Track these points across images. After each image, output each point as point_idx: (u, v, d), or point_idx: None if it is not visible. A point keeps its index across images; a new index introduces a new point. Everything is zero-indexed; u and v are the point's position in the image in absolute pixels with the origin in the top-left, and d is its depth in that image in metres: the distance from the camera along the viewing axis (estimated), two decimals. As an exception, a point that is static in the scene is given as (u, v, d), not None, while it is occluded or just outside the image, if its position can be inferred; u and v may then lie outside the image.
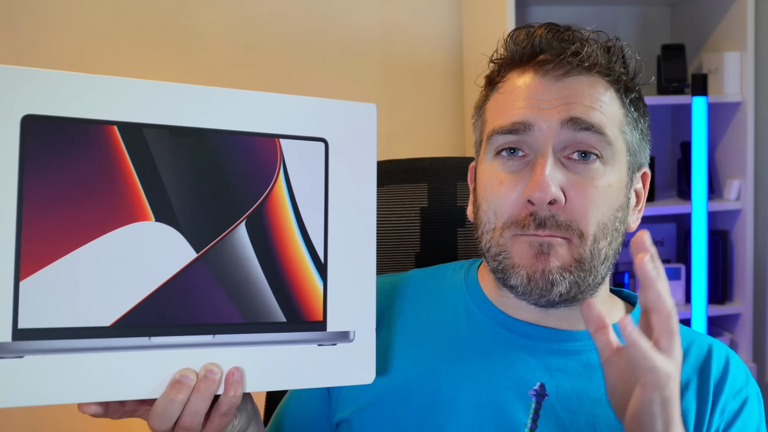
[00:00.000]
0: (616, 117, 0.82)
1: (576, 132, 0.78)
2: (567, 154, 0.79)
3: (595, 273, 0.80)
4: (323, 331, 0.77)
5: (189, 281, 0.71)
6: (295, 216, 0.76)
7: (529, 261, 0.79)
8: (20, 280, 0.66)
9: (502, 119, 0.82)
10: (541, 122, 0.79)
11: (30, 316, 0.66)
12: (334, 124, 0.78)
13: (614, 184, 0.80)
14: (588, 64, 0.80)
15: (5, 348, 0.66)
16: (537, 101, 0.80)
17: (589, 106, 0.79)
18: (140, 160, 0.70)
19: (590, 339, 0.83)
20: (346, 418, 0.85)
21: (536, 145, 0.79)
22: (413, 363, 0.85)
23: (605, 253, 0.80)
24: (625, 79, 0.83)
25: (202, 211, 0.72)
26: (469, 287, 0.89)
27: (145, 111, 0.71)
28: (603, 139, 0.79)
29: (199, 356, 0.72)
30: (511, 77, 0.84)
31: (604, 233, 0.79)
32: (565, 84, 0.80)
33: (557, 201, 0.77)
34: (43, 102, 0.67)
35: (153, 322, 0.70)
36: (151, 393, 0.70)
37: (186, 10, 2.20)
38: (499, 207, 0.80)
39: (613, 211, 0.80)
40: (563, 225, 0.78)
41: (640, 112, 0.85)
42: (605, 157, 0.80)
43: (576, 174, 0.79)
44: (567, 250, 0.78)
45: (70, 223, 0.68)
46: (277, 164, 0.75)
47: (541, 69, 0.81)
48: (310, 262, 0.76)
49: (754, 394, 0.85)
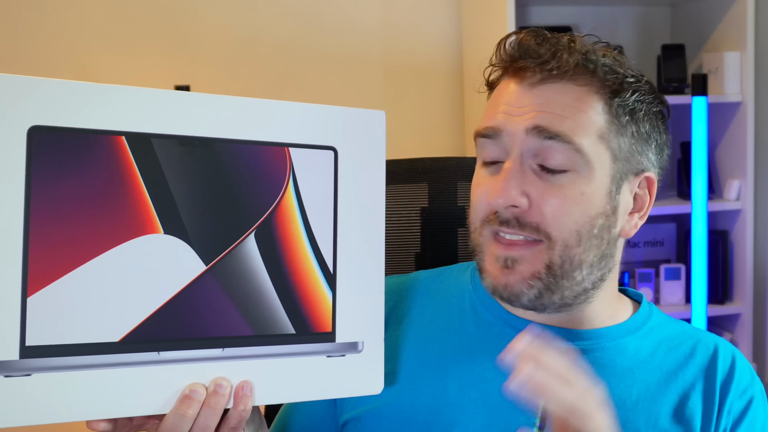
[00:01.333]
0: (594, 124, 0.79)
1: (542, 140, 0.78)
2: (539, 161, 0.79)
3: (572, 279, 0.79)
4: (332, 343, 0.76)
5: (198, 294, 0.70)
6: (304, 226, 0.75)
7: (495, 272, 0.80)
8: (28, 296, 0.65)
9: (482, 122, 0.83)
10: (510, 128, 0.79)
11: (38, 333, 0.65)
12: (343, 131, 0.77)
13: (588, 192, 0.79)
14: (559, 72, 0.79)
15: (12, 366, 0.64)
16: (509, 107, 0.80)
17: (559, 114, 0.78)
18: (149, 171, 0.69)
19: (597, 338, 0.84)
20: (354, 417, 0.85)
21: (507, 150, 0.80)
22: (421, 362, 0.85)
23: (580, 258, 0.79)
24: (612, 85, 0.81)
25: (211, 222, 0.71)
26: (475, 287, 0.89)
27: (153, 120, 0.69)
28: (570, 147, 0.78)
29: (208, 370, 0.71)
30: (501, 83, 0.85)
31: (578, 240, 0.78)
32: (539, 91, 0.80)
33: (518, 206, 0.78)
34: (49, 112, 0.66)
35: (162, 336, 0.69)
36: (161, 408, 0.69)
37: (185, 11, 2.20)
38: (477, 208, 0.82)
39: (589, 219, 0.79)
40: (528, 225, 0.78)
41: (634, 116, 0.82)
42: (576, 165, 0.78)
43: (545, 182, 0.78)
44: (533, 256, 0.79)
45: (78, 236, 0.66)
46: (287, 173, 0.74)
47: (519, 75, 0.81)
48: (319, 272, 0.76)
49: (759, 393, 0.86)
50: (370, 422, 0.84)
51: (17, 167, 0.65)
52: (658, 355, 0.85)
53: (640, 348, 0.85)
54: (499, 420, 0.80)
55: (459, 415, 0.81)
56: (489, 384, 0.82)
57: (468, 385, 0.82)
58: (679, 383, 0.83)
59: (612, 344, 0.84)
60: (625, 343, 0.85)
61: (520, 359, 0.68)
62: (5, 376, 0.64)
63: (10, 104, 0.65)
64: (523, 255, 0.79)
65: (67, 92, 0.66)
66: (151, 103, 0.69)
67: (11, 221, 0.64)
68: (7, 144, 0.64)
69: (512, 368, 0.68)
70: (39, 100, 0.65)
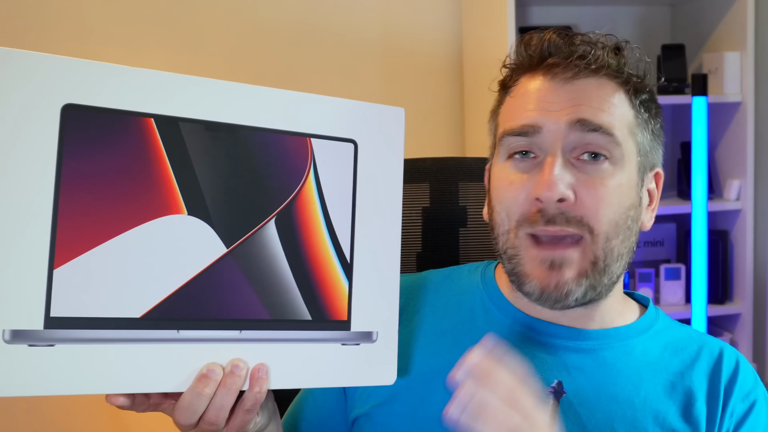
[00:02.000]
0: (626, 118, 0.82)
1: (584, 133, 0.79)
2: (576, 155, 0.80)
3: (610, 272, 0.81)
4: (347, 331, 0.77)
5: (218, 276, 0.72)
6: (324, 215, 0.76)
7: (542, 274, 0.80)
8: (54, 268, 0.66)
9: (513, 122, 0.83)
10: (550, 124, 0.80)
11: (62, 304, 0.66)
12: (363, 126, 0.78)
13: (624, 183, 0.81)
14: (596, 66, 0.81)
15: (37, 336, 0.65)
16: (546, 104, 0.81)
17: (597, 107, 0.80)
18: (175, 153, 0.70)
19: (605, 337, 0.85)
20: (364, 413, 0.86)
21: (545, 147, 0.80)
22: (431, 359, 0.85)
23: (618, 251, 0.81)
24: (635, 81, 0.84)
25: (233, 206, 0.72)
26: (486, 286, 0.90)
27: (182, 105, 0.71)
28: (611, 140, 0.80)
29: (225, 351, 0.72)
30: (523, 81, 0.85)
31: (616, 231, 0.80)
32: (573, 86, 0.81)
33: (566, 199, 0.78)
34: (83, 92, 0.67)
35: (182, 315, 0.70)
36: (178, 386, 0.70)
37: (186, 7, 2.20)
38: (510, 207, 0.81)
39: (625, 210, 0.81)
40: (573, 220, 0.78)
41: (651, 113, 0.86)
42: (614, 157, 0.80)
43: (586, 174, 0.80)
44: (580, 255, 0.79)
45: (105, 213, 0.68)
46: (308, 163, 0.76)
47: (550, 72, 0.82)
48: (337, 261, 0.77)
49: (762, 398, 0.86)
50: (380, 419, 0.85)
51: (50, 143, 0.66)
52: (665, 357, 0.86)
53: (648, 350, 0.86)
54: None
55: None
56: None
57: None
58: (685, 384, 0.84)
59: (620, 345, 0.85)
60: (633, 344, 0.85)
61: (467, 378, 0.68)
62: (29, 345, 0.65)
63: (45, 82, 0.66)
64: (570, 255, 0.79)
65: (100, 73, 0.68)
66: (181, 87, 0.71)
67: (42, 195, 0.66)
68: (41, 120, 0.66)
69: (456, 388, 0.68)
70: (73, 80, 0.67)
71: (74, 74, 0.67)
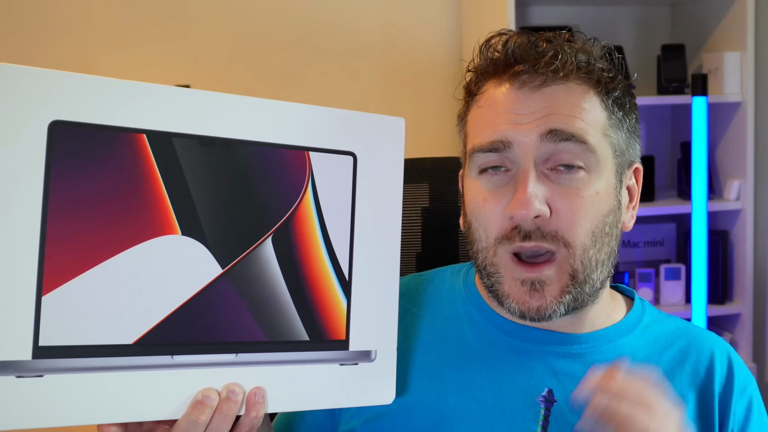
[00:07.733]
0: (599, 122, 0.79)
1: (557, 143, 0.77)
2: (550, 166, 0.77)
3: (591, 282, 0.79)
4: (346, 351, 0.75)
5: (213, 298, 0.69)
6: (322, 231, 0.74)
7: (521, 296, 0.78)
8: (42, 294, 0.63)
9: (482, 137, 0.80)
10: (521, 138, 0.77)
11: (51, 333, 0.63)
12: (363, 137, 0.76)
13: (601, 190, 0.79)
14: (564, 72, 0.78)
15: (25, 367, 0.63)
16: (515, 116, 0.78)
17: (568, 115, 0.77)
18: (169, 170, 0.67)
19: (594, 341, 0.83)
20: (352, 429, 0.84)
21: (518, 161, 0.78)
22: (419, 372, 0.84)
23: (596, 259, 0.79)
24: (606, 80, 0.80)
25: (229, 225, 0.70)
26: (468, 293, 0.88)
27: (174, 119, 0.68)
28: (585, 147, 0.77)
29: (221, 375, 0.69)
30: (488, 88, 0.82)
31: (593, 241, 0.78)
32: (542, 94, 0.78)
33: (541, 215, 0.76)
34: (71, 107, 0.64)
35: (176, 340, 0.68)
36: (173, 414, 0.68)
37: (186, 10, 2.20)
38: (488, 224, 0.79)
39: (602, 218, 0.79)
40: (548, 235, 0.77)
41: (625, 110, 0.83)
42: (589, 165, 0.78)
43: (560, 185, 0.77)
44: (557, 271, 0.77)
45: (95, 235, 0.65)
46: (306, 178, 0.73)
47: (517, 80, 0.79)
48: (335, 279, 0.75)
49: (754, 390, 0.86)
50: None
51: (37, 163, 0.63)
52: (654, 354, 0.85)
53: (637, 348, 0.85)
54: (501, 430, 0.79)
55: (460, 426, 0.80)
56: (487, 393, 0.81)
57: (467, 396, 0.81)
58: (675, 385, 0.83)
59: (609, 347, 0.84)
60: (621, 345, 0.84)
61: (595, 392, 0.67)
62: (17, 376, 0.63)
63: (31, 98, 0.63)
64: (549, 275, 0.77)
65: (89, 87, 0.65)
66: (173, 101, 0.68)
67: (29, 217, 0.63)
68: (27, 138, 0.63)
69: (586, 403, 0.67)
70: (61, 95, 0.64)
71: (61, 88, 0.64)
